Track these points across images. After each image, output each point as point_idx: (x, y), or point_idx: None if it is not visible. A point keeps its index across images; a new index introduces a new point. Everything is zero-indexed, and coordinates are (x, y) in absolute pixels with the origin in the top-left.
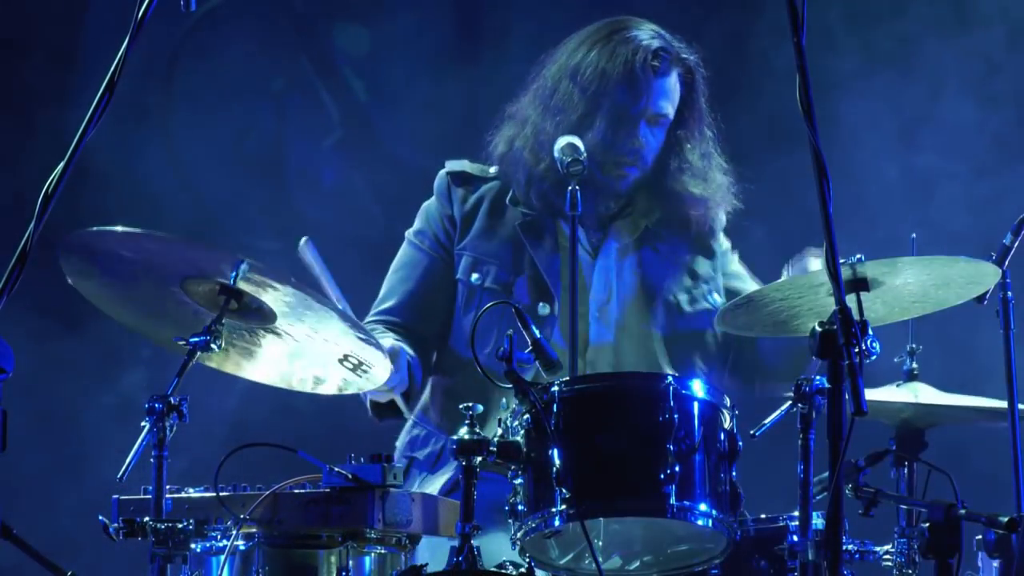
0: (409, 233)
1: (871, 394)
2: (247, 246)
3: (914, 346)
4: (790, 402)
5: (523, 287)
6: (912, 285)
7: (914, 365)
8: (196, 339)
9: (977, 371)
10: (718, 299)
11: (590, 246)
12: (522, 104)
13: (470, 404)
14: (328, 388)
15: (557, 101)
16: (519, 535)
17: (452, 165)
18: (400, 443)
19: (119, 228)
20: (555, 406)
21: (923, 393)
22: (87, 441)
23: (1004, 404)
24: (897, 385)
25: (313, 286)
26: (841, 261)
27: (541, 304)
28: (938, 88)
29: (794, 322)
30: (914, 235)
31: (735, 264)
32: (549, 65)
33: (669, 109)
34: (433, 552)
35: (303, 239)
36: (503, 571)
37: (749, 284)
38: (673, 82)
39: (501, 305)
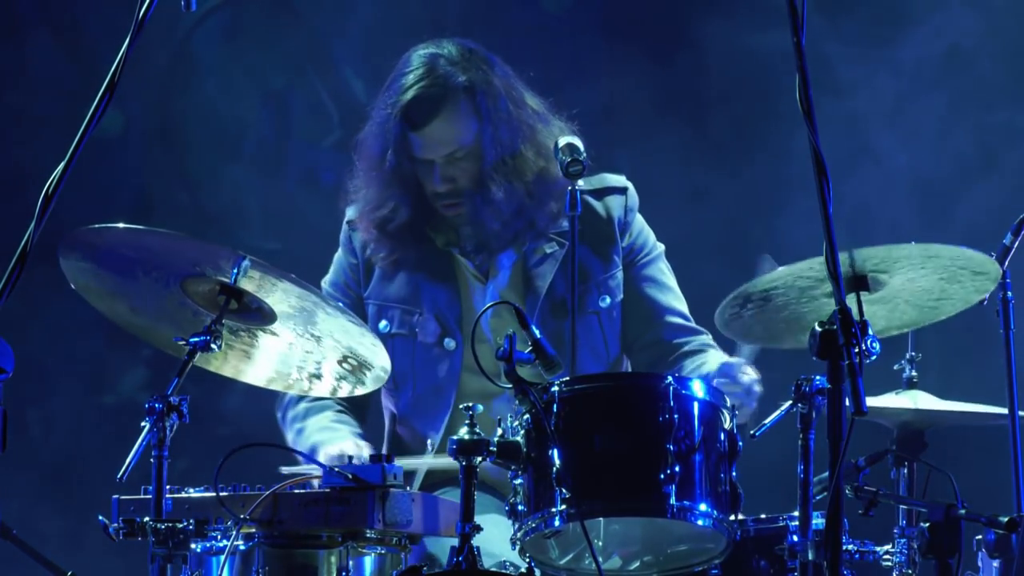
0: (324, 283)
1: (870, 401)
2: (247, 246)
3: (913, 354)
4: (790, 402)
5: (427, 325)
6: (917, 281)
7: (913, 373)
8: (196, 339)
9: (976, 380)
10: (608, 301)
11: (478, 271)
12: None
13: (470, 404)
14: (322, 389)
15: (364, 169)
16: (519, 535)
17: (351, 212)
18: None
19: (121, 225)
20: (555, 406)
21: (922, 401)
22: (87, 441)
23: (1004, 411)
24: (896, 393)
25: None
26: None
27: (447, 340)
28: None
29: (800, 323)
30: (912, 244)
31: (651, 269)
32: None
33: (448, 147)
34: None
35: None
36: (503, 571)
37: (661, 298)
38: (445, 122)
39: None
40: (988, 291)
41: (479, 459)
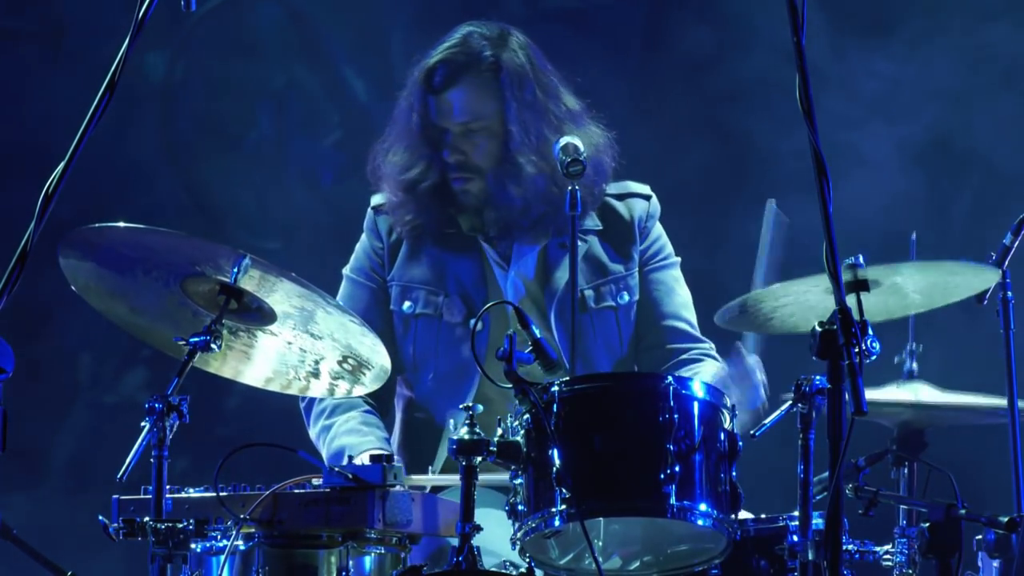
0: (346, 270)
1: (871, 393)
2: (247, 246)
3: (914, 346)
4: (790, 402)
5: (453, 307)
6: (916, 281)
7: (914, 365)
8: (196, 339)
9: (977, 370)
10: (626, 298)
11: (500, 257)
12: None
13: (470, 404)
14: (320, 389)
15: (394, 132)
16: (519, 535)
17: (376, 199)
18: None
19: (121, 224)
20: (555, 406)
21: (923, 393)
22: (87, 441)
23: (1004, 402)
24: (897, 385)
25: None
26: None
27: (473, 320)
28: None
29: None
30: (914, 235)
31: (663, 274)
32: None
33: (464, 117)
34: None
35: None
36: (503, 571)
37: (667, 302)
38: (464, 91)
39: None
40: (990, 284)
41: (479, 459)
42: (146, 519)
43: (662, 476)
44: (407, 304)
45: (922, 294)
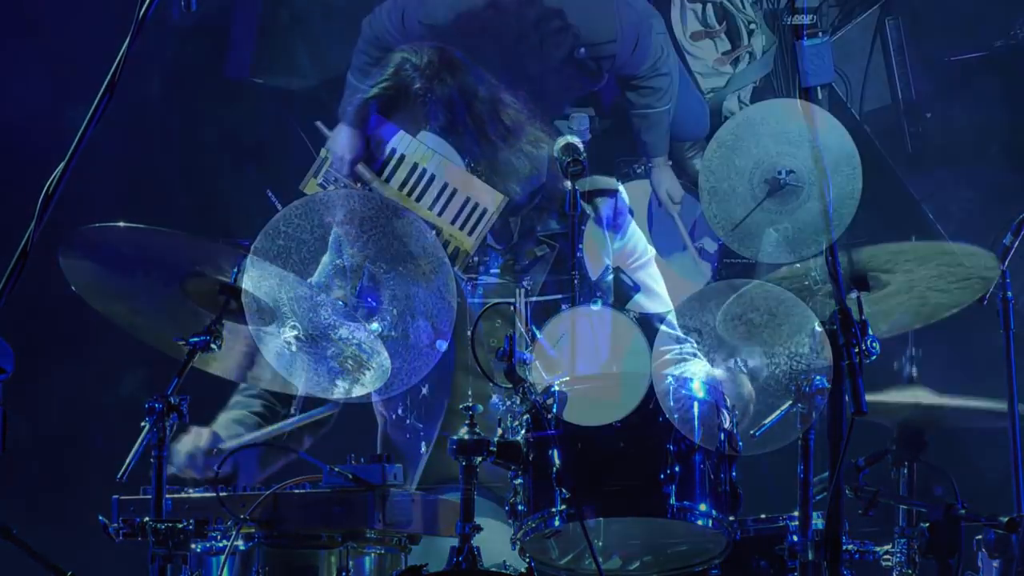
0: (311, 280)
1: (871, 397)
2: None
3: (914, 351)
4: (790, 402)
5: (419, 327)
6: (917, 272)
7: (914, 370)
8: (196, 339)
9: (976, 376)
10: (599, 304)
11: (464, 272)
12: None
13: (470, 404)
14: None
15: None
16: (519, 535)
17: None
18: None
19: (121, 224)
20: (555, 406)
21: (923, 398)
22: (87, 441)
23: (1003, 406)
24: (897, 390)
25: None
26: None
27: (439, 341)
28: None
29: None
30: (913, 238)
31: (640, 275)
32: None
33: (399, 153)
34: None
35: None
36: (503, 571)
37: (648, 306)
38: (394, 124)
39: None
40: (990, 279)
41: (479, 459)
42: (146, 519)
43: (662, 476)
44: (373, 326)
45: (938, 292)
